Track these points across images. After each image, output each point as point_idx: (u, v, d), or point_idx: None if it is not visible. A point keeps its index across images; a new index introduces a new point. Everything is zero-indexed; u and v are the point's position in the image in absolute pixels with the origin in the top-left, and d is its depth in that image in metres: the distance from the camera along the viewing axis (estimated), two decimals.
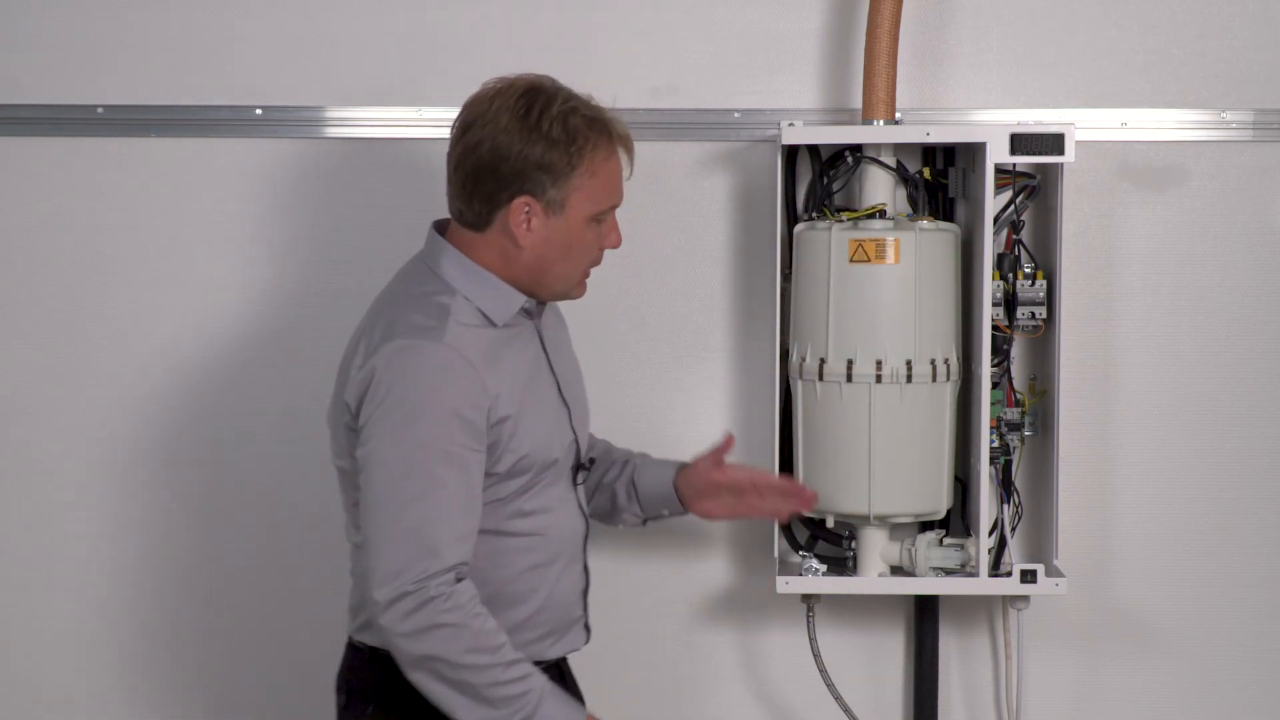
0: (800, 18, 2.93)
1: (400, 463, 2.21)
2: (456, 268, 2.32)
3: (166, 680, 3.04)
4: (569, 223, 2.30)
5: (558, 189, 2.28)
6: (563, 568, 2.40)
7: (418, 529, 2.20)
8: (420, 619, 2.18)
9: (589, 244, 2.34)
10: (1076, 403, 2.92)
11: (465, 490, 2.23)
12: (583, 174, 2.29)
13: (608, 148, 2.32)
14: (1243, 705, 3.00)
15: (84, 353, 2.98)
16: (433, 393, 2.22)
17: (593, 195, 2.31)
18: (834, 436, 2.78)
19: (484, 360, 2.26)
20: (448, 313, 2.27)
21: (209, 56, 2.95)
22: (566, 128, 2.28)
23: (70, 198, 2.97)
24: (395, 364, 2.23)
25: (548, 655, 2.39)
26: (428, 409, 2.21)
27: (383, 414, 2.22)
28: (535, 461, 2.32)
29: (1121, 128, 2.92)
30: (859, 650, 3.00)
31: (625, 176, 2.36)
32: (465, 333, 2.26)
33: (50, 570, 3.02)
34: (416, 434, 2.21)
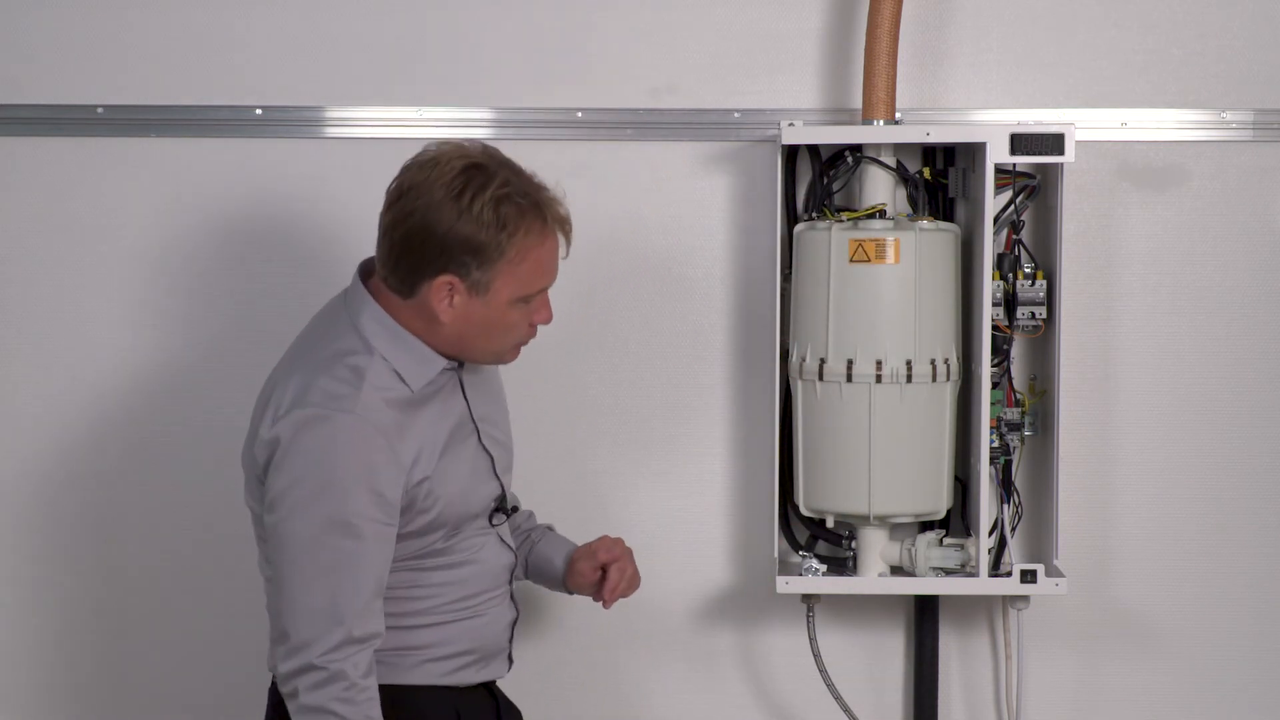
0: (800, 18, 2.93)
1: (309, 537, 2.20)
2: (376, 325, 2.28)
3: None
4: (491, 305, 2.26)
5: (483, 271, 2.24)
6: (488, 599, 2.39)
7: (327, 604, 2.19)
8: (318, 697, 2.19)
9: (513, 323, 2.30)
10: (1076, 403, 2.92)
11: (375, 563, 2.22)
12: (510, 260, 2.24)
13: (540, 233, 2.27)
14: (1243, 705, 3.00)
15: (84, 353, 2.98)
16: (342, 467, 2.19)
17: (519, 280, 2.26)
18: (834, 436, 2.78)
19: (397, 428, 2.23)
20: (362, 378, 2.23)
21: (209, 56, 2.95)
22: (498, 213, 2.23)
23: (70, 198, 2.97)
24: (304, 435, 2.19)
25: (473, 680, 2.40)
26: (337, 483, 2.19)
27: (291, 485, 2.20)
28: (453, 516, 2.31)
29: (1121, 128, 2.92)
30: (859, 650, 3.00)
31: (562, 256, 2.32)
32: (378, 400, 2.23)
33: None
34: (326, 508, 2.19)
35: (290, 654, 2.21)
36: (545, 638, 2.95)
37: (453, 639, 2.36)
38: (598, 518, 2.93)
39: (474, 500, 2.35)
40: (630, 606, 2.89)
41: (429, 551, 2.32)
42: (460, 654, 2.37)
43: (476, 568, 2.37)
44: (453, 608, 2.36)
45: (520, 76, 2.93)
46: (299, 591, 2.21)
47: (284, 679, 2.23)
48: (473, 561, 2.37)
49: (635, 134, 2.93)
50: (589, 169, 2.94)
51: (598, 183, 2.95)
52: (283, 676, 2.23)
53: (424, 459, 2.27)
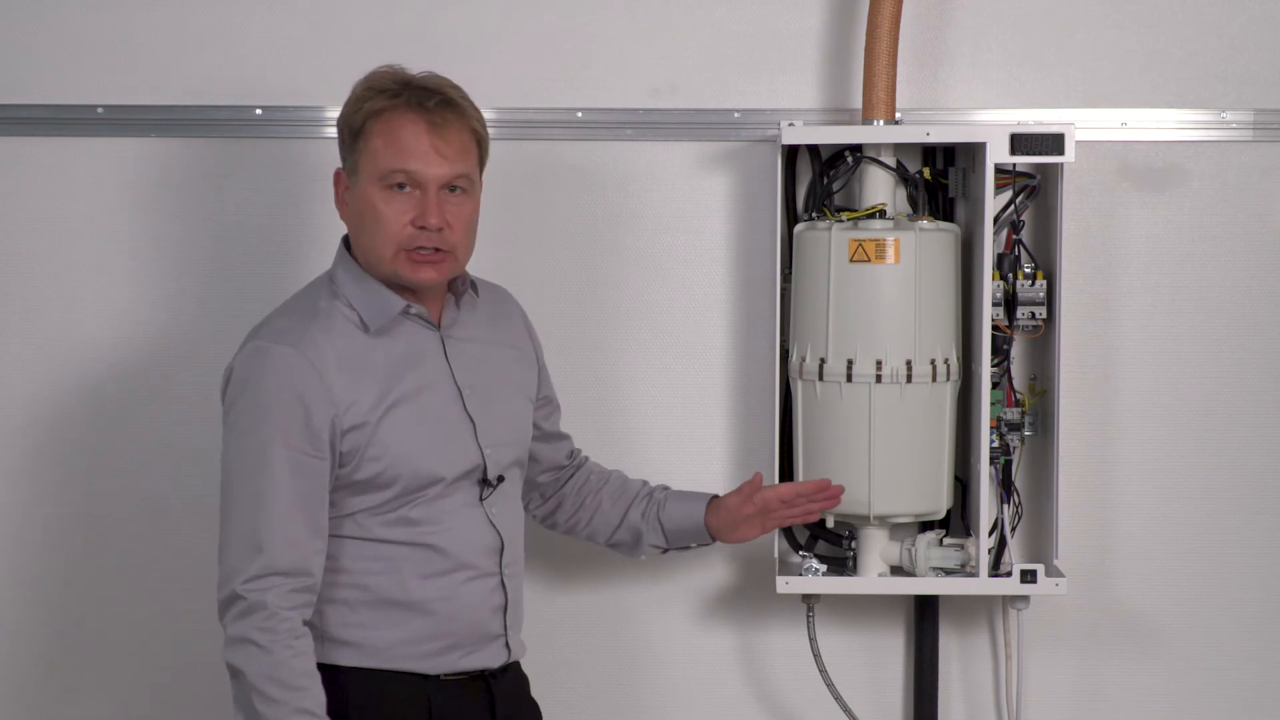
0: (800, 18, 2.93)
1: (239, 465, 2.24)
2: (345, 272, 2.35)
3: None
4: (362, 189, 2.30)
5: (352, 154, 2.31)
6: (465, 581, 2.35)
7: (250, 532, 2.21)
8: (241, 627, 2.20)
9: (384, 216, 2.29)
10: (1076, 403, 2.92)
11: (302, 494, 2.23)
12: (365, 135, 2.29)
13: (395, 110, 2.28)
14: (1243, 705, 3.00)
15: (84, 352, 2.98)
16: (274, 396, 2.23)
17: (375, 156, 2.28)
18: (834, 436, 2.78)
19: (340, 367, 2.25)
20: (315, 317, 2.28)
21: (209, 56, 2.95)
22: (357, 93, 2.31)
23: (70, 198, 2.97)
24: (247, 365, 2.26)
25: (457, 668, 2.36)
26: (268, 412, 2.23)
27: (230, 414, 2.27)
28: (406, 473, 2.29)
29: (1121, 128, 2.92)
30: (859, 650, 3.00)
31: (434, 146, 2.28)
32: (325, 339, 2.26)
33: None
34: (255, 436, 2.22)
35: (220, 585, 2.24)
36: (545, 637, 2.94)
37: (423, 620, 2.32)
38: None
39: (437, 462, 2.32)
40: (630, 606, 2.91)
41: (397, 520, 2.30)
42: (432, 637, 2.33)
43: (448, 542, 2.33)
44: (423, 586, 2.32)
45: (520, 76, 2.93)
46: (227, 520, 2.25)
47: (219, 610, 2.24)
48: (443, 537, 2.33)
49: (635, 134, 2.93)
50: (589, 169, 2.94)
51: (598, 183, 2.95)
52: (219, 607, 2.24)
53: (367, 403, 2.27)
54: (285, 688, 2.19)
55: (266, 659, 2.19)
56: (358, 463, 2.27)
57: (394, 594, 2.31)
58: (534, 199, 2.93)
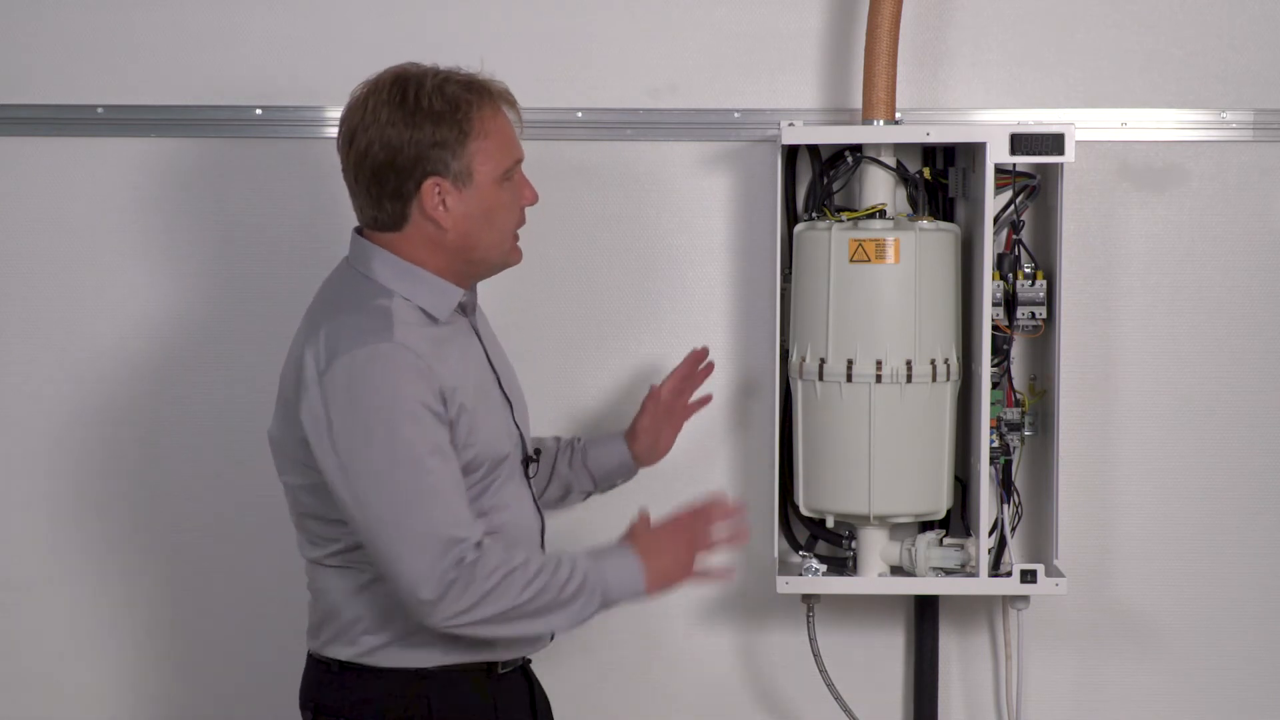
0: (800, 17, 2.93)
1: (388, 468, 2.19)
2: (388, 268, 2.31)
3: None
4: (481, 190, 2.30)
5: (459, 160, 2.28)
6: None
7: (430, 527, 2.18)
8: (473, 593, 2.17)
9: (507, 205, 2.33)
10: (1076, 403, 2.92)
11: (454, 477, 2.23)
12: (476, 138, 2.29)
13: (491, 106, 2.31)
14: (1243, 705, 3.00)
15: (84, 352, 2.98)
16: (397, 392, 2.20)
17: (493, 155, 2.30)
18: (834, 436, 2.78)
19: (434, 357, 2.25)
20: (390, 315, 2.25)
21: (209, 56, 2.95)
22: (446, 98, 2.27)
23: (70, 198, 2.97)
24: (355, 375, 2.20)
25: (514, 654, 2.37)
26: (397, 408, 2.20)
27: (354, 425, 2.20)
28: (487, 457, 2.31)
29: (1121, 128, 2.92)
30: (859, 650, 3.00)
31: (519, 132, 2.35)
32: (412, 333, 2.25)
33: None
34: (393, 436, 2.19)
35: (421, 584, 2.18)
36: None
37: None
38: (598, 518, 2.92)
39: (504, 441, 2.35)
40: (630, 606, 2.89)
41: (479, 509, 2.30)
42: None
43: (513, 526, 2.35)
44: None
45: (520, 76, 2.92)
46: (401, 527, 2.19)
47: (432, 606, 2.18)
48: (509, 521, 2.34)
49: (635, 134, 2.94)
50: (589, 169, 2.94)
51: (598, 183, 2.95)
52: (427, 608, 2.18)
53: (460, 390, 2.27)
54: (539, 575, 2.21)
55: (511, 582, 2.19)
56: (459, 448, 2.27)
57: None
58: None
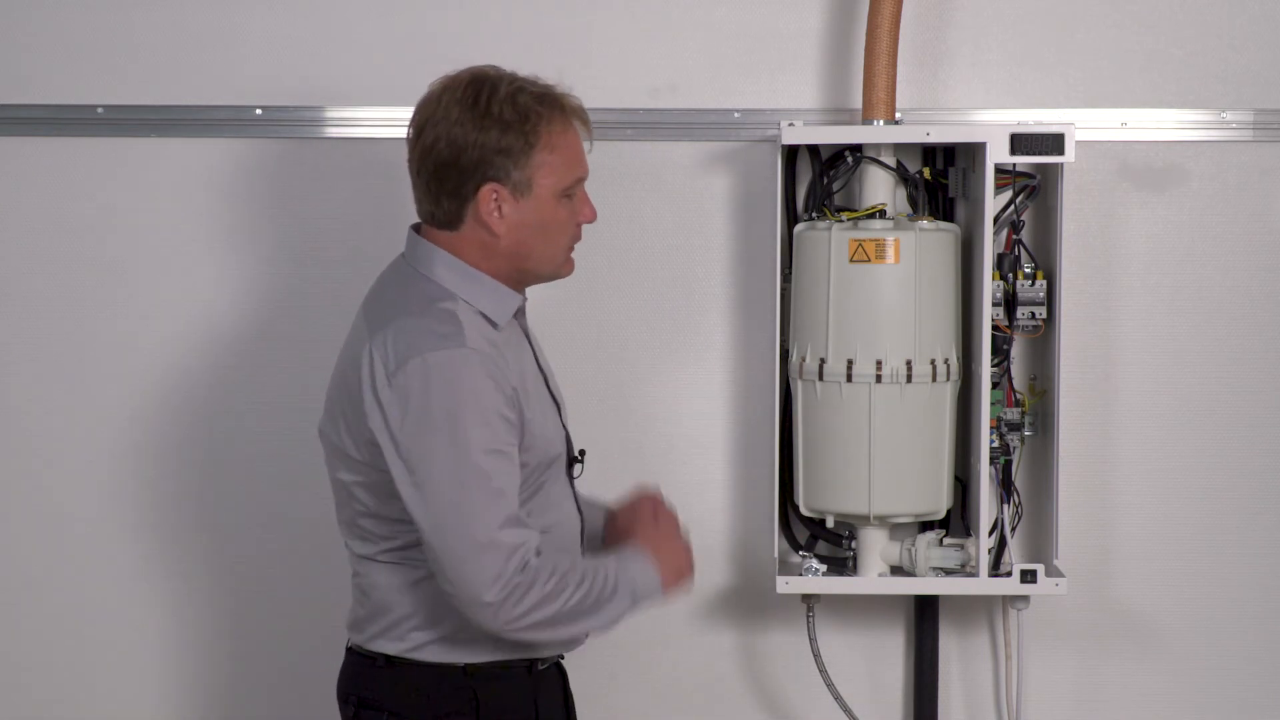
0: (800, 17, 2.93)
1: (457, 472, 2.19)
2: (451, 271, 2.30)
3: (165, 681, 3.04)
4: (539, 202, 2.29)
5: (521, 170, 2.27)
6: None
7: (495, 533, 2.19)
8: (532, 597, 2.19)
9: (563, 221, 2.33)
10: (1076, 403, 2.92)
11: (517, 479, 2.24)
12: (542, 150, 2.27)
13: (562, 121, 2.30)
14: (1243, 705, 3.00)
15: (84, 352, 2.98)
16: (472, 397, 2.20)
17: (556, 170, 2.29)
18: (834, 436, 2.78)
19: (500, 361, 2.26)
20: (457, 318, 2.25)
21: (209, 56, 2.95)
22: (517, 107, 2.26)
23: (70, 198, 2.97)
24: (430, 378, 2.20)
25: (548, 652, 2.38)
26: (471, 414, 2.20)
27: (426, 428, 2.20)
28: (543, 457, 2.32)
29: (1121, 128, 2.92)
30: (859, 650, 3.00)
31: (587, 149, 2.35)
32: (480, 338, 2.25)
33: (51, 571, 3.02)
34: (464, 440, 2.19)
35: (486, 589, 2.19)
36: None
37: None
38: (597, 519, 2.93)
39: (555, 441, 2.36)
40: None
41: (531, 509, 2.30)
42: None
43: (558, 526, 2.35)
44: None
45: None
46: (471, 529, 2.19)
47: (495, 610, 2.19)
48: (556, 520, 2.35)
49: (635, 134, 2.94)
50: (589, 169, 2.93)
51: (598, 183, 2.94)
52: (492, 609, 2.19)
53: (523, 392, 2.28)
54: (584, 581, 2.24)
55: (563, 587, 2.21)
56: (524, 449, 2.28)
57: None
58: None
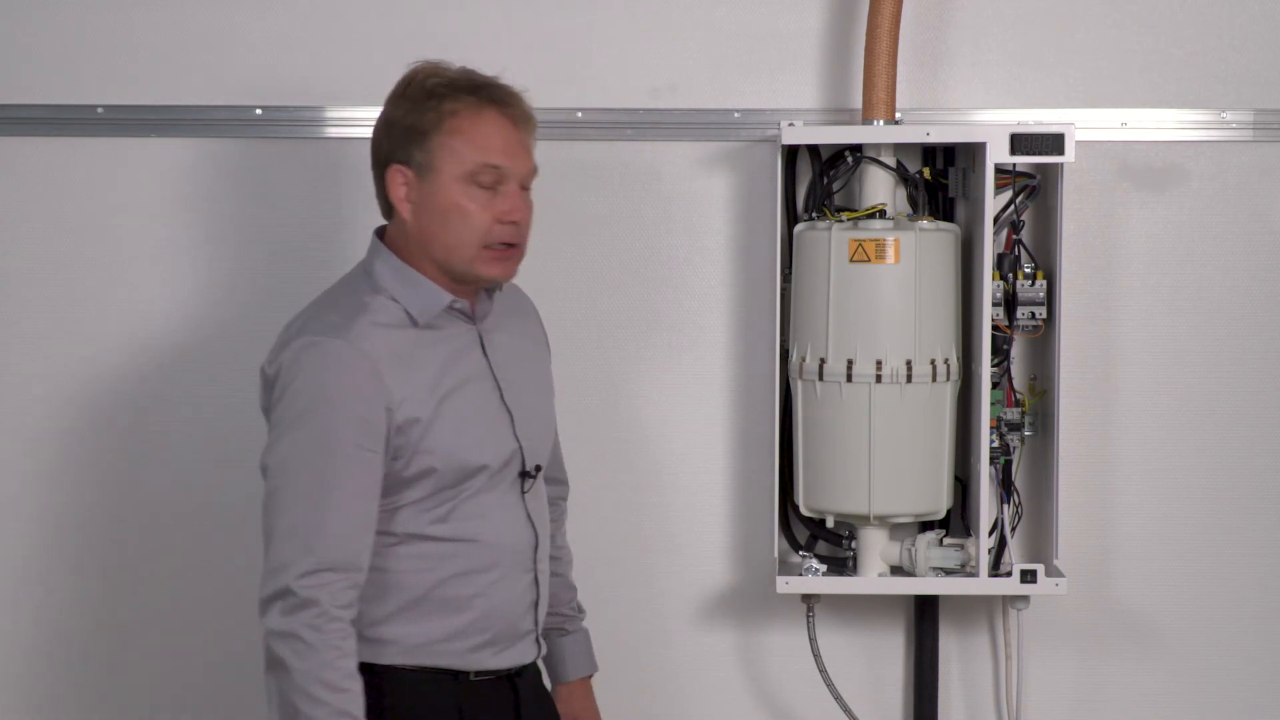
0: (800, 17, 2.93)
1: (293, 459, 2.21)
2: (385, 266, 2.32)
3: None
4: (440, 186, 2.28)
5: (424, 152, 2.27)
6: (501, 577, 2.34)
7: (305, 527, 2.20)
8: (290, 622, 2.19)
9: (468, 210, 2.29)
10: (1076, 403, 2.92)
11: (358, 490, 2.23)
12: (445, 133, 2.27)
13: (473, 106, 2.28)
14: (1243, 705, 3.00)
15: (84, 352, 2.98)
16: (330, 389, 2.22)
17: (457, 153, 2.27)
18: (834, 436, 2.78)
19: (393, 360, 2.25)
20: (363, 311, 2.27)
21: (209, 56, 2.95)
22: (425, 88, 2.28)
23: (70, 198, 2.97)
24: (299, 360, 2.23)
25: (489, 665, 2.35)
26: (323, 405, 2.21)
27: (282, 410, 2.23)
28: (452, 466, 2.29)
29: (1121, 128, 2.92)
30: (859, 650, 3.00)
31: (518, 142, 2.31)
32: (377, 332, 2.25)
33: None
34: (311, 430, 2.21)
35: (267, 578, 2.21)
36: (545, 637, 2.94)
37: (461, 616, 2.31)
38: (598, 518, 2.93)
39: (481, 451, 2.32)
40: (630, 606, 2.91)
41: (442, 515, 2.30)
42: (469, 633, 2.32)
43: (491, 537, 2.33)
44: (464, 582, 2.31)
45: (520, 76, 2.92)
46: (278, 514, 2.22)
47: (262, 605, 2.21)
48: (486, 531, 2.32)
49: (635, 134, 2.94)
50: (589, 169, 2.94)
51: (598, 183, 2.95)
52: (261, 602, 2.22)
53: (419, 398, 2.26)
54: (330, 688, 2.19)
55: (315, 658, 2.18)
56: (410, 457, 2.26)
57: (435, 591, 2.30)
58: (534, 199, 2.93)
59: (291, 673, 2.18)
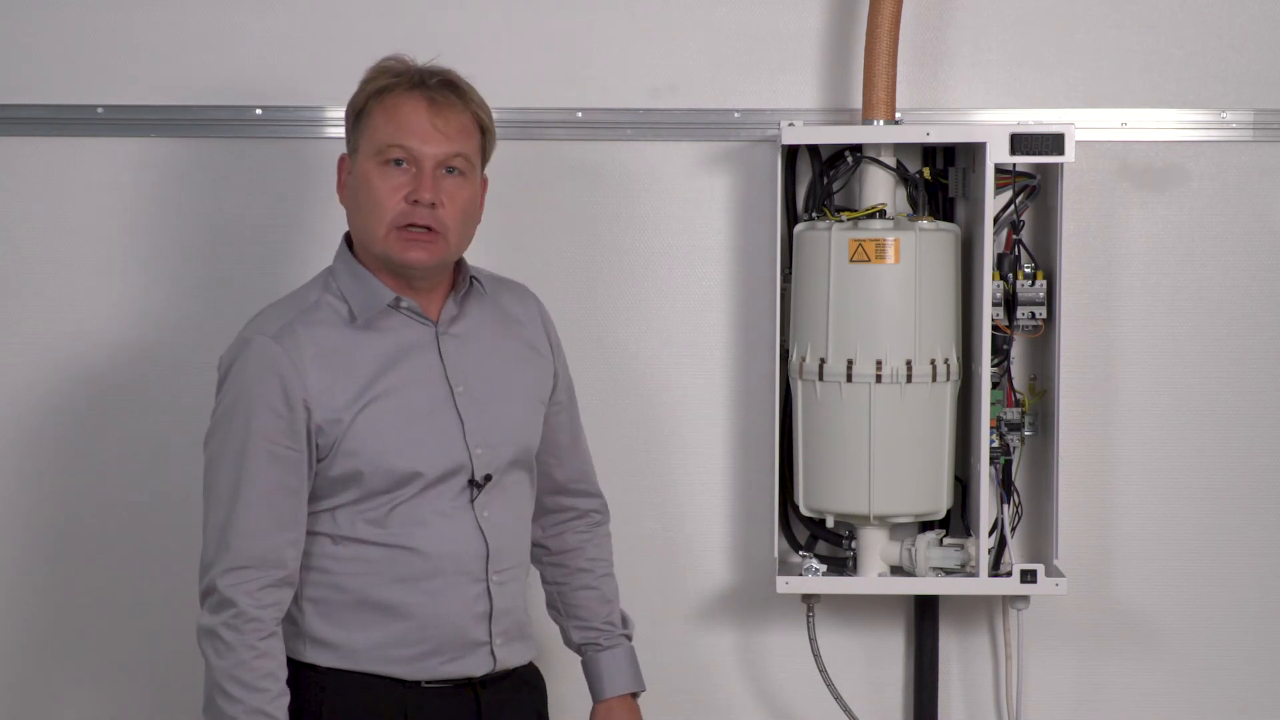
0: (800, 17, 2.93)
1: (217, 457, 2.25)
2: (342, 264, 2.35)
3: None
4: (359, 165, 2.30)
5: (353, 136, 2.32)
6: (444, 585, 2.30)
7: (222, 525, 2.23)
8: (212, 620, 2.22)
9: (376, 190, 2.27)
10: (1076, 403, 2.92)
11: (276, 486, 2.23)
12: (365, 115, 2.30)
13: (400, 92, 2.28)
14: (1243, 705, 3.00)
15: (84, 351, 2.98)
16: (248, 387, 2.24)
17: (371, 133, 2.29)
18: (834, 436, 2.78)
19: (319, 358, 2.25)
20: (303, 309, 2.29)
21: (209, 56, 2.95)
22: (365, 79, 2.32)
23: (70, 198, 2.97)
24: (231, 358, 2.28)
25: (440, 674, 2.31)
26: (241, 403, 2.24)
27: (215, 407, 2.28)
28: (380, 470, 2.26)
29: (1121, 128, 2.92)
30: (859, 650, 3.00)
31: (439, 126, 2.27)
32: (307, 330, 2.26)
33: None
34: (232, 428, 2.24)
35: (200, 574, 2.25)
36: (545, 637, 2.94)
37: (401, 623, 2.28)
38: None
39: (416, 459, 2.27)
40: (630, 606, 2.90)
41: (375, 519, 2.27)
42: (410, 641, 2.29)
43: (428, 545, 2.28)
44: (401, 589, 2.28)
45: (520, 76, 2.93)
46: (207, 511, 2.26)
47: (200, 600, 2.26)
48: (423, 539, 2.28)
49: (635, 134, 2.94)
50: (589, 169, 2.94)
51: (598, 183, 2.95)
52: (199, 598, 2.26)
53: (344, 397, 2.25)
54: (245, 687, 2.21)
55: (231, 656, 2.21)
56: (332, 458, 2.25)
57: (371, 595, 2.28)
58: (534, 199, 2.93)
59: (213, 669, 2.23)
